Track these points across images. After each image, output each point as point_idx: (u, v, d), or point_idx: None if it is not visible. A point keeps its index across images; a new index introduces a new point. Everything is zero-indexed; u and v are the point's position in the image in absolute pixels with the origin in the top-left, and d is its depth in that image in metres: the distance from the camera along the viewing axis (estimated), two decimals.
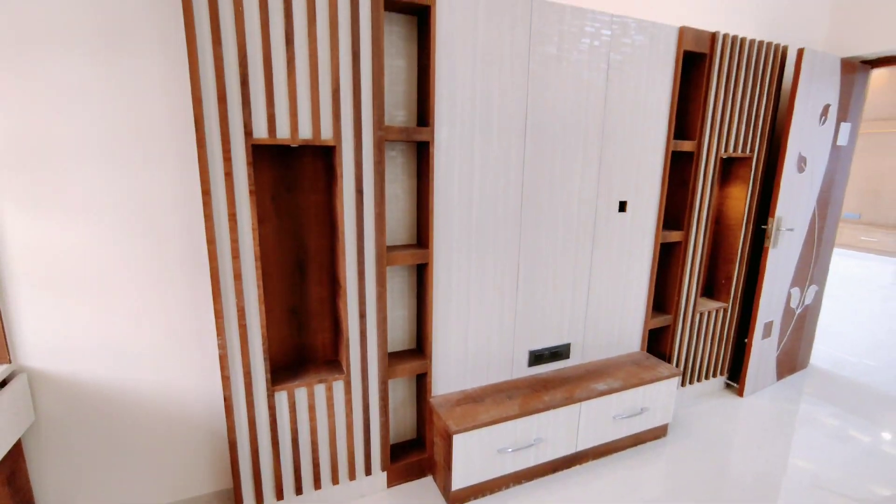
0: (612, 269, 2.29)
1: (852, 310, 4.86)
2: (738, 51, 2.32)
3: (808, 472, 2.21)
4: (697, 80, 2.30)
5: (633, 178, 2.23)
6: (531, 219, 2.01)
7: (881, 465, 2.28)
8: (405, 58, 1.76)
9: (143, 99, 1.54)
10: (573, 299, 2.22)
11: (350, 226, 1.66)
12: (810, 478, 2.16)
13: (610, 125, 2.09)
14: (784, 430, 2.56)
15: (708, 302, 2.78)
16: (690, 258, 2.50)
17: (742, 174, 2.62)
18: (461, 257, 1.90)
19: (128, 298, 1.64)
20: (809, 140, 2.62)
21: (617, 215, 2.23)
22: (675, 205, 2.49)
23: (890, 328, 4.31)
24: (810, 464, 2.27)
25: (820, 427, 2.60)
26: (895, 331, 4.24)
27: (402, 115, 1.79)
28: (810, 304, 3.14)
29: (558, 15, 1.86)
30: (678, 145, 2.30)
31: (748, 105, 2.45)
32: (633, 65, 2.08)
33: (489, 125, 1.83)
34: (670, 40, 2.14)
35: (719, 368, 2.88)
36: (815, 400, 2.90)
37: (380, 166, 1.65)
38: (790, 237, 2.75)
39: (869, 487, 2.11)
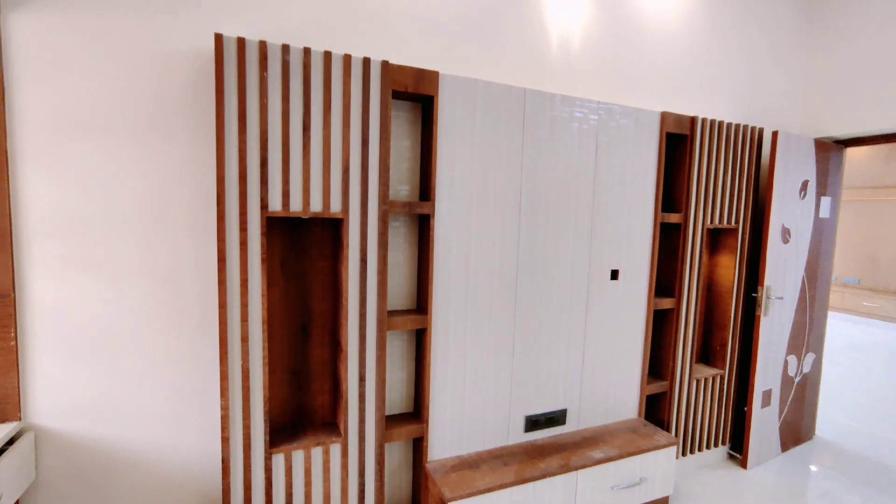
0: (606, 336, 2.36)
1: (857, 377, 4.80)
2: (717, 132, 2.52)
3: None
4: (681, 157, 2.49)
5: (623, 248, 2.35)
6: (526, 287, 2.11)
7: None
8: (409, 138, 1.94)
9: (172, 177, 1.70)
10: (568, 365, 2.27)
11: (353, 291, 1.76)
12: None
13: (600, 199, 2.24)
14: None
15: (704, 368, 2.80)
16: (683, 324, 2.56)
17: (730, 244, 2.75)
18: (458, 323, 1.98)
19: (137, 360, 1.72)
20: (791, 213, 2.77)
21: (609, 283, 2.33)
22: (666, 273, 2.60)
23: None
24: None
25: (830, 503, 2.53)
26: None
27: (406, 189, 1.95)
28: (809, 373, 3.14)
29: (549, 103, 2.06)
30: (666, 217, 2.44)
31: (730, 180, 2.62)
32: (619, 145, 2.26)
33: (486, 200, 1.98)
34: (653, 123, 2.34)
35: (720, 438, 2.84)
36: (823, 473, 2.83)
37: (383, 237, 1.78)
38: (781, 305, 2.82)
39: None
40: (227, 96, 1.52)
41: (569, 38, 2.34)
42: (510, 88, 1.97)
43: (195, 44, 1.67)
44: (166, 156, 1.69)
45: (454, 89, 1.87)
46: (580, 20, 2.35)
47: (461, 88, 1.88)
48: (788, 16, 3.06)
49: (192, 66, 1.68)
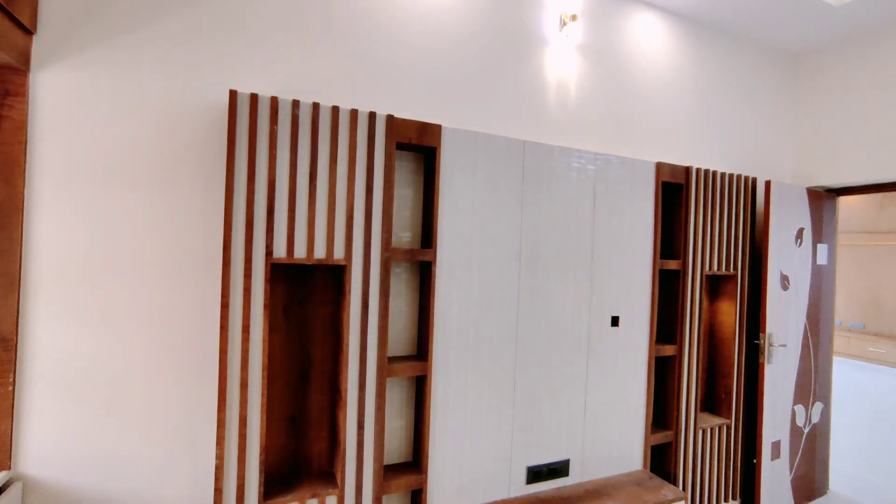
0: (607, 384, 2.33)
1: (869, 427, 4.67)
2: (712, 182, 2.59)
3: None
4: (678, 205, 2.54)
5: (623, 295, 2.36)
6: (527, 334, 2.11)
7: None
8: (412, 187, 2.00)
9: (179, 225, 1.75)
10: (570, 414, 2.23)
11: (354, 338, 1.76)
12: None
13: (599, 247, 2.28)
14: None
15: (710, 417, 2.75)
16: (686, 371, 2.54)
17: (729, 290, 2.76)
18: (459, 370, 1.97)
19: (134, 409, 1.70)
20: (789, 260, 2.80)
21: (610, 330, 2.33)
22: (666, 319, 2.60)
23: None
24: None
25: None
26: None
27: (408, 236, 1.99)
28: (818, 423, 3.07)
29: (548, 154, 2.14)
30: (664, 264, 2.47)
31: (727, 228, 2.66)
32: (617, 194, 2.32)
33: (486, 247, 2.01)
34: (649, 173, 2.41)
35: (730, 492, 2.74)
36: None
37: (385, 283, 1.80)
38: (784, 353, 2.80)
39: None
40: (238, 148, 1.58)
41: (566, 92, 2.45)
42: (510, 140, 2.05)
43: (209, 98, 1.76)
44: (175, 204, 1.74)
45: (456, 141, 1.94)
46: (576, 74, 2.47)
47: (463, 140, 1.96)
48: (775, 75, 3.21)
49: (204, 119, 1.76)
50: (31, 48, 1.54)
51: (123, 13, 1.65)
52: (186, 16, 1.73)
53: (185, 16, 1.73)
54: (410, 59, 2.09)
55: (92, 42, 1.62)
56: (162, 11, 1.70)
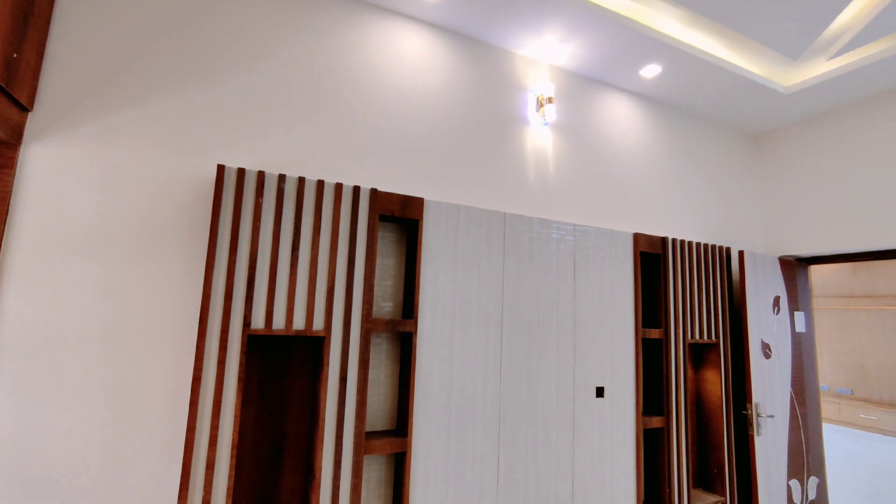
0: (595, 458, 2.24)
1: (868, 499, 4.50)
2: (688, 251, 2.67)
3: None
4: (656, 275, 2.60)
5: (607, 365, 2.34)
6: (510, 406, 2.06)
7: None
8: (395, 257, 2.03)
9: (156, 296, 1.73)
10: (557, 493, 2.12)
11: (331, 412, 1.70)
12: None
13: (581, 316, 2.29)
14: None
15: (703, 495, 2.63)
16: (676, 445, 2.46)
17: (713, 359, 2.76)
18: (440, 447, 1.89)
19: (90, 495, 1.58)
20: (768, 328, 2.83)
21: (595, 401, 2.28)
22: (652, 389, 2.56)
23: None
24: None
25: None
26: None
27: (390, 306, 1.98)
28: (815, 500, 2.96)
29: (527, 225, 2.21)
30: (647, 332, 2.48)
31: (705, 296, 2.71)
32: (596, 263, 2.37)
33: (468, 317, 2.01)
34: (626, 244, 2.49)
35: None
36: None
37: (365, 355, 1.77)
38: (773, 424, 2.75)
39: None
40: (223, 219, 1.61)
41: (544, 166, 2.58)
42: (491, 212, 2.12)
43: (197, 174, 1.81)
44: (153, 276, 1.73)
45: (438, 213, 2.00)
46: (553, 150, 2.61)
47: (445, 212, 2.02)
48: (739, 152, 3.43)
49: (191, 194, 1.80)
50: (25, 124, 1.59)
51: (120, 94, 1.73)
52: (180, 95, 1.82)
53: (179, 95, 1.82)
54: (395, 134, 2.20)
55: (85, 119, 1.68)
56: (157, 91, 1.79)
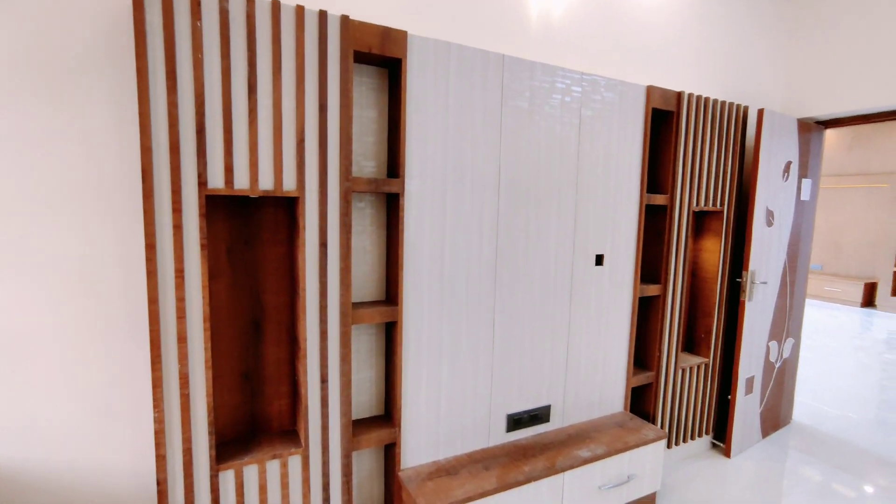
0: (591, 326, 2.21)
1: (826, 361, 4.87)
2: (703, 110, 2.39)
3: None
4: (666, 135, 2.35)
5: (609, 232, 2.20)
6: (506, 274, 1.93)
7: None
8: (376, 108, 1.72)
9: (89, 148, 1.43)
10: (552, 358, 2.11)
11: (312, 282, 1.53)
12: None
13: (584, 179, 2.08)
14: (774, 494, 2.42)
15: (689, 357, 2.70)
16: (669, 312, 2.44)
17: (714, 227, 2.64)
18: (433, 315, 1.79)
19: (51, 368, 1.45)
20: (775, 195, 2.68)
21: (594, 269, 2.18)
22: (651, 258, 2.47)
23: (865, 380, 4.31)
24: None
25: (811, 490, 2.47)
26: (871, 383, 4.24)
27: (372, 165, 1.73)
28: (788, 358, 3.10)
29: (529, 71, 1.88)
30: (651, 199, 2.30)
31: (716, 160, 2.50)
32: (604, 120, 2.10)
33: (462, 178, 1.78)
34: (638, 98, 2.19)
35: (704, 427, 2.76)
36: (803, 459, 2.79)
37: (346, 218, 1.56)
38: (764, 290, 2.74)
39: None
40: (152, 50, 1.26)
41: (549, 5, 2.15)
42: (487, 54, 1.77)
43: None
44: (79, 121, 1.41)
45: (425, 52, 1.65)
46: None
47: (433, 52, 1.67)
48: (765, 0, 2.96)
49: (107, 14, 1.40)
50: None
51: None
52: None
53: None
54: None
55: None
56: None
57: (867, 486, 2.53)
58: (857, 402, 3.74)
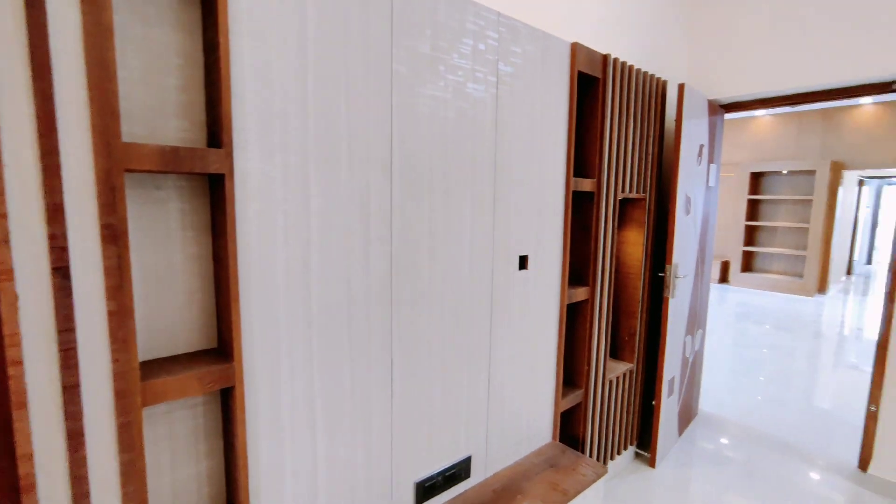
0: (515, 346, 1.74)
1: (708, 342, 5.14)
2: (629, 79, 2.04)
3: None
4: (592, 108, 1.95)
5: (533, 226, 1.73)
6: (406, 290, 1.35)
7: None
8: (182, 30, 1.00)
9: None
10: (471, 394, 1.59)
11: (37, 342, 0.80)
12: None
13: (504, 157, 1.58)
14: None
15: (615, 364, 2.40)
16: (598, 318, 2.08)
17: (637, 217, 2.35)
18: (297, 364, 1.14)
19: None
20: (692, 180, 2.48)
21: (517, 275, 1.70)
22: (577, 256, 2.08)
23: (743, 356, 4.57)
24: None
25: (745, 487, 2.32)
26: (750, 358, 4.49)
27: (176, 126, 1.01)
28: (698, 350, 3.00)
29: (431, 2, 1.30)
30: (578, 184, 1.90)
31: (640, 140, 2.19)
32: (525, 80, 1.61)
33: (334, 153, 1.15)
34: (563, 57, 1.74)
35: (629, 438, 2.49)
36: (722, 454, 2.67)
37: (110, 218, 0.84)
38: (682, 284, 2.55)
39: None
40: None
41: None
42: None
43: None
44: None
45: None
46: None
47: None
48: None
49: None
50: None
51: None
52: None
53: None
54: None
55: None
56: None
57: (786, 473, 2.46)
58: (747, 383, 3.88)
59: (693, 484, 2.42)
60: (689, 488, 2.38)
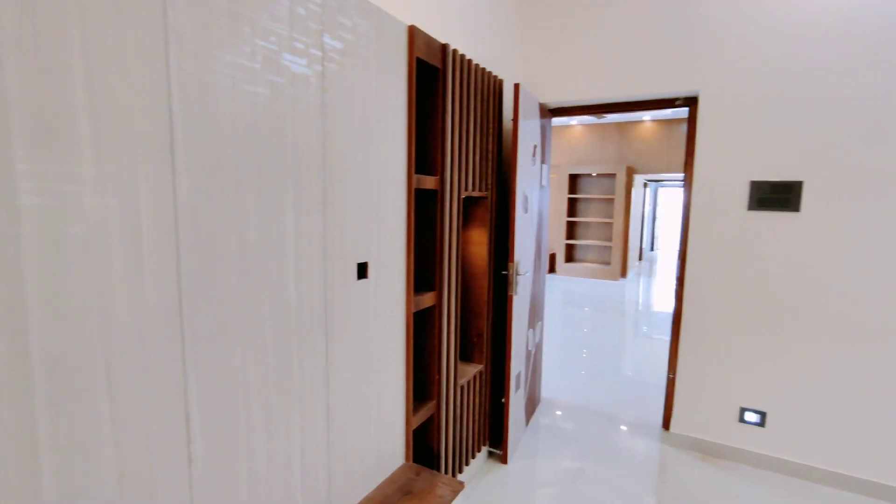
0: (358, 369, 1.51)
1: None
2: (468, 73, 1.97)
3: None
4: (433, 101, 1.82)
5: (373, 228, 1.52)
6: (207, 320, 1.01)
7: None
8: None
9: None
10: (307, 438, 1.31)
11: None
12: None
13: (336, 147, 1.33)
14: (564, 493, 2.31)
15: (466, 368, 2.34)
16: (446, 323, 1.98)
17: (481, 215, 2.32)
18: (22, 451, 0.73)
19: None
20: (528, 179, 2.56)
21: (357, 285, 1.47)
22: (422, 259, 1.93)
23: (571, 338, 5.09)
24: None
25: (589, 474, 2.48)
26: (575, 339, 5.02)
27: None
28: (539, 341, 3.17)
29: None
30: (421, 181, 1.75)
31: (480, 138, 2.15)
32: (359, 60, 1.38)
33: (70, 124, 0.76)
34: (400, 38, 1.57)
35: (481, 440, 2.48)
36: (567, 439, 2.85)
37: None
38: (523, 280, 2.62)
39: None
40: None
41: None
42: None
43: None
44: None
45: None
46: None
47: None
48: None
49: None
50: None
51: None
52: None
53: None
54: None
55: None
56: None
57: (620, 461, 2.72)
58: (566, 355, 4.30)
59: (539, 468, 2.51)
60: (536, 475, 2.46)
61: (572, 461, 2.61)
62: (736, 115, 2.42)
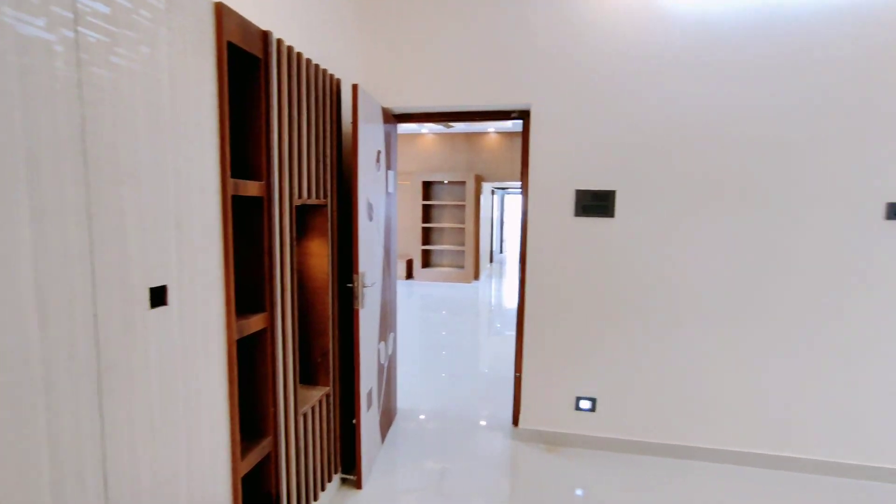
0: (154, 426, 1.20)
1: None
2: (298, 68, 1.77)
3: None
4: (254, 96, 1.58)
5: (172, 243, 1.24)
6: None
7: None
8: None
9: None
10: None
11: None
12: None
13: (105, 138, 1.03)
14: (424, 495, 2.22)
15: (309, 392, 2.12)
16: (282, 347, 1.74)
17: (320, 225, 2.12)
18: None
19: None
20: (372, 186, 2.44)
21: (151, 315, 1.17)
22: (247, 276, 1.67)
23: (428, 342, 5.13)
24: None
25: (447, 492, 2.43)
26: (433, 343, 5.07)
27: None
28: (392, 353, 3.07)
29: None
30: (241, 187, 1.50)
31: (315, 140, 1.96)
32: (138, 33, 1.10)
33: None
34: (203, 16, 1.31)
35: (332, 468, 2.27)
36: (419, 441, 2.79)
37: None
38: (371, 292, 2.49)
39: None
40: None
41: None
42: None
43: None
44: None
45: None
46: None
47: None
48: None
49: None
50: None
51: None
52: None
53: None
54: None
55: None
56: None
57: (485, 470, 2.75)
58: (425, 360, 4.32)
59: (399, 482, 2.41)
60: (396, 490, 2.35)
61: (435, 462, 2.60)
62: (562, 129, 2.65)
